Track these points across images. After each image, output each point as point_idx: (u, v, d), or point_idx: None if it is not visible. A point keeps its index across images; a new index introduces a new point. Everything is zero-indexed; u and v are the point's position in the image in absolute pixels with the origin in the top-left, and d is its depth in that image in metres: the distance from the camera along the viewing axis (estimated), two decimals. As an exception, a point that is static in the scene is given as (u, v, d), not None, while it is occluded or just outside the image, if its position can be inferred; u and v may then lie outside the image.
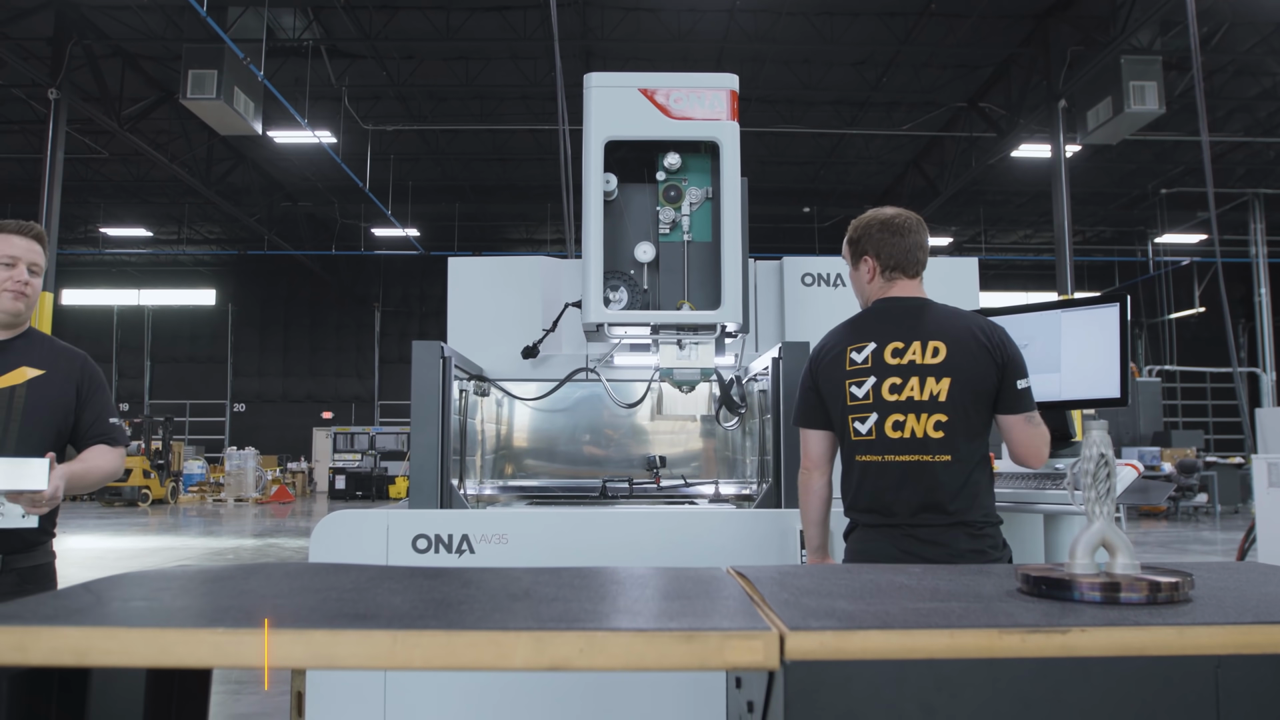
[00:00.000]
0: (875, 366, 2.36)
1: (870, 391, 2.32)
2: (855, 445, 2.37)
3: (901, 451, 2.28)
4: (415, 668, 0.89)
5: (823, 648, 0.93)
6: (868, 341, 2.41)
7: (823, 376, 2.47)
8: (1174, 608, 1.08)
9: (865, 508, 2.35)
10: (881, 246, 2.55)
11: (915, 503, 2.26)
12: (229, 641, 0.92)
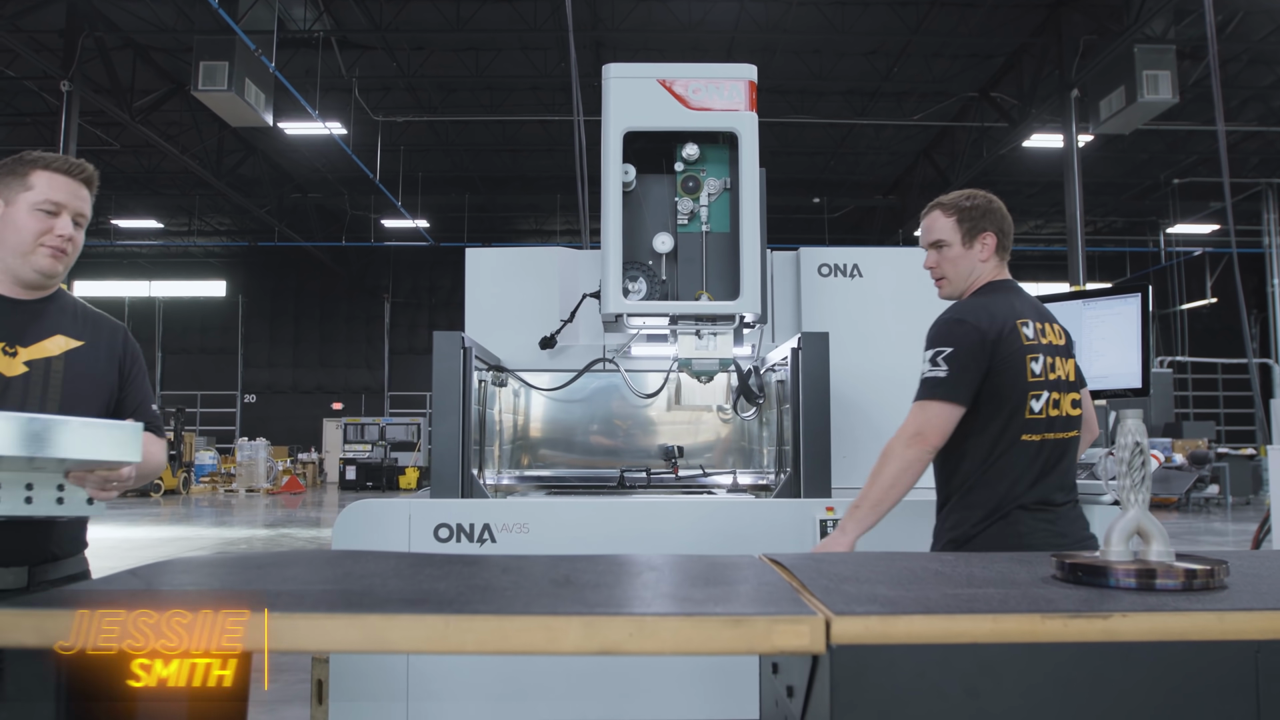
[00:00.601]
0: (1041, 344, 2.34)
1: (1044, 368, 2.32)
2: (1025, 424, 2.26)
3: (1060, 430, 2.32)
4: (467, 651, 0.91)
5: (868, 632, 0.94)
6: (1027, 318, 2.34)
7: (1002, 350, 2.29)
8: (1210, 594, 1.09)
9: (1029, 489, 2.26)
10: (1004, 225, 2.51)
11: (1069, 483, 2.33)
12: (287, 626, 0.94)
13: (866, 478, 2.35)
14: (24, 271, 1.97)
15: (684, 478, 3.93)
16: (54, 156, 2.01)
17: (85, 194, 2.03)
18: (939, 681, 0.94)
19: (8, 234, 1.95)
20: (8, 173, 1.97)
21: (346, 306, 27.82)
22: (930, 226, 2.52)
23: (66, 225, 1.99)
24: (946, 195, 2.57)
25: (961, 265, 2.47)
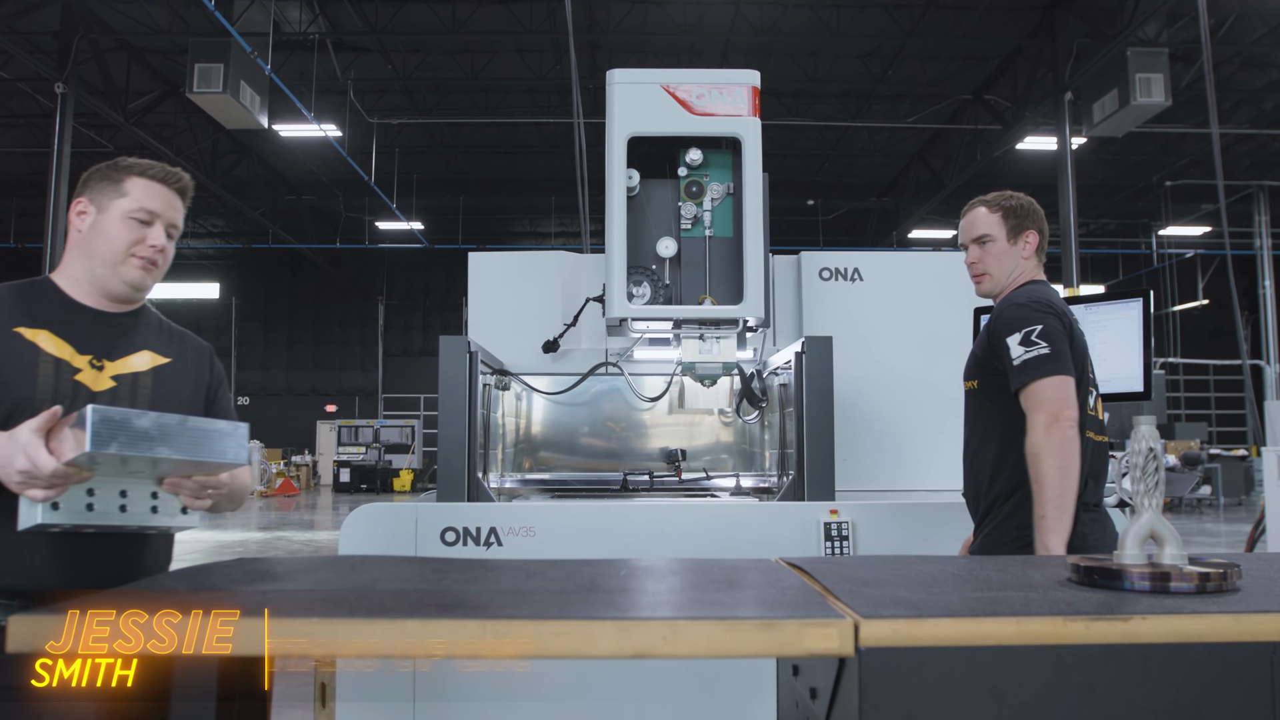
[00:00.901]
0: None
1: (1092, 367, 2.42)
2: (1086, 420, 2.27)
3: (1101, 431, 2.42)
4: (503, 656, 0.93)
5: (895, 635, 0.97)
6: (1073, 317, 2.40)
7: (1075, 338, 2.33)
8: (1224, 596, 1.12)
9: (1088, 487, 2.26)
10: (1044, 227, 2.54)
11: (1105, 484, 2.40)
12: (325, 630, 0.96)
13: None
14: (112, 283, 1.87)
15: (687, 481, 3.95)
16: (150, 163, 1.91)
17: (179, 204, 1.94)
18: (964, 683, 0.96)
19: (98, 243, 1.85)
20: (101, 178, 1.88)
21: (340, 308, 27.77)
22: (974, 222, 2.52)
23: (160, 236, 1.89)
24: (988, 194, 2.60)
25: (1006, 261, 2.48)
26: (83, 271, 1.87)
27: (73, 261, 1.88)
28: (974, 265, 2.54)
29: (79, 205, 1.87)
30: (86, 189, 1.89)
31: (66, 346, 1.81)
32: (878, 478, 3.86)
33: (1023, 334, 2.28)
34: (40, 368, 1.77)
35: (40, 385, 1.75)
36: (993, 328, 2.37)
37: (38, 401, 1.70)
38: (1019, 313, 2.33)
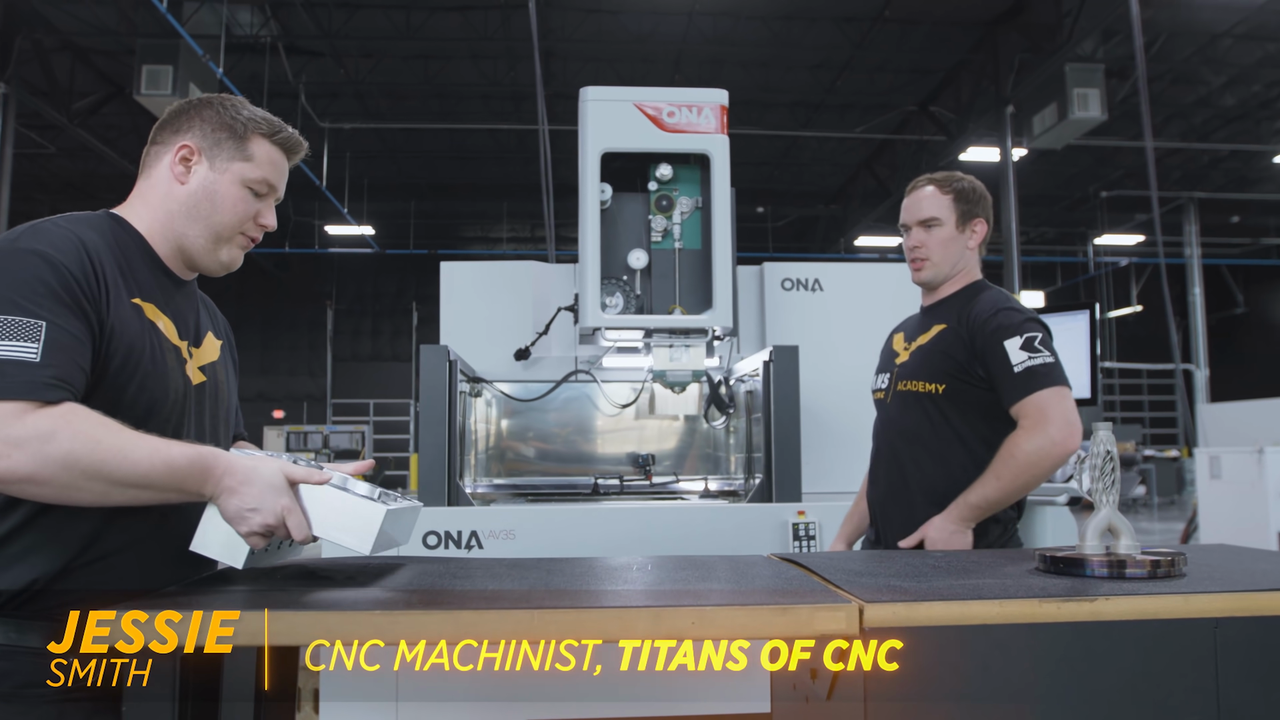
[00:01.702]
0: None
1: None
2: None
3: None
4: (549, 638, 1.04)
5: (895, 617, 1.10)
6: None
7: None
8: (1173, 580, 1.27)
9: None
10: (991, 216, 2.39)
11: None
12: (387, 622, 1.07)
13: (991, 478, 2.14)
14: (206, 258, 1.56)
15: (657, 484, 4.07)
16: (277, 123, 1.62)
17: (287, 171, 1.66)
18: (957, 658, 1.10)
19: (206, 207, 1.53)
20: (220, 128, 1.55)
21: (289, 313, 27.39)
22: (921, 203, 2.34)
23: (273, 214, 1.63)
24: (936, 173, 2.43)
25: (952, 249, 2.32)
26: (171, 232, 1.55)
27: (158, 213, 1.55)
28: (916, 250, 2.36)
29: (184, 149, 1.54)
30: (194, 130, 1.55)
31: (172, 327, 1.53)
32: (838, 480, 4.02)
33: (1024, 339, 2.14)
34: (167, 358, 1.49)
35: (172, 383, 1.48)
36: (982, 330, 2.19)
37: (169, 406, 1.47)
38: (1015, 317, 2.18)
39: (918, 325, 2.47)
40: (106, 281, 1.40)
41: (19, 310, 1.30)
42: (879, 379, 2.51)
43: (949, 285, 2.40)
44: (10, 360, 1.26)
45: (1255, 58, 14.53)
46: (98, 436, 1.27)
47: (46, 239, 1.38)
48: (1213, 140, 17.51)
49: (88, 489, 1.26)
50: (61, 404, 1.28)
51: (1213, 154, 18.48)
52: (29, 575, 1.30)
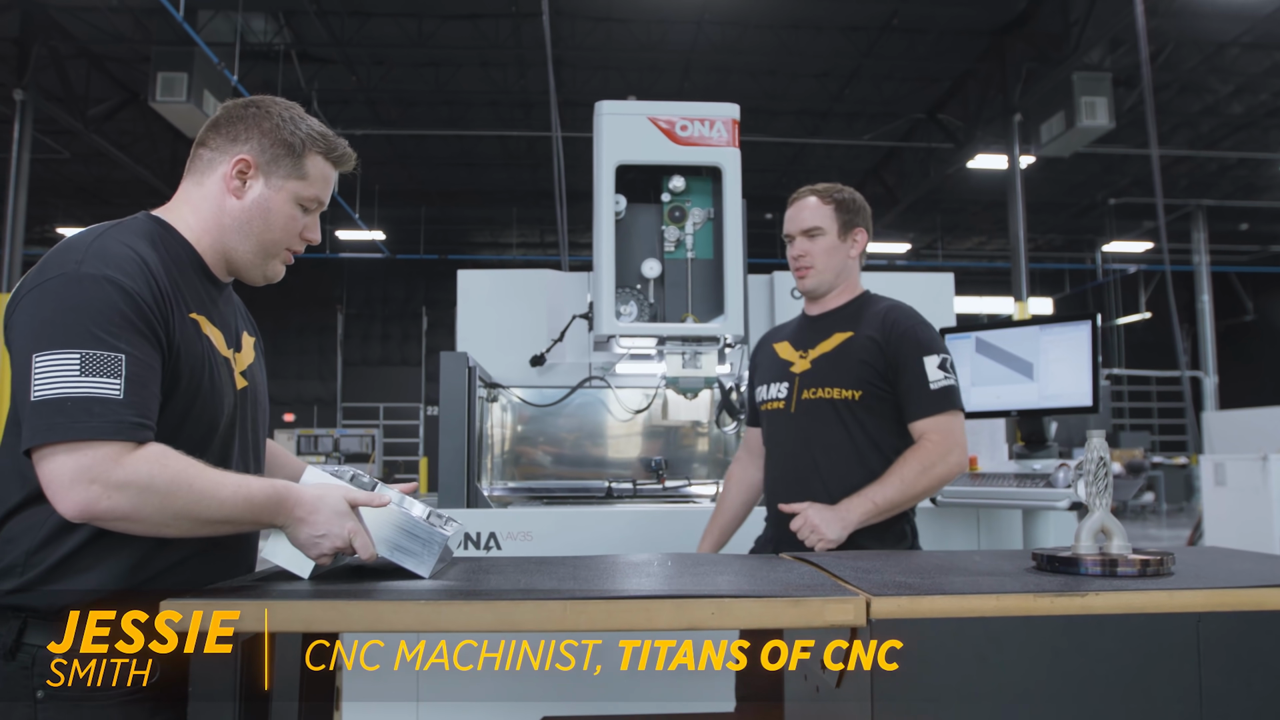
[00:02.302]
0: None
1: None
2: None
3: None
4: (581, 629, 1.13)
5: (899, 609, 1.19)
6: None
7: None
8: (1161, 579, 1.36)
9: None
10: (870, 227, 2.47)
11: None
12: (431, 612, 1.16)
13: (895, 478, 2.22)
14: (250, 271, 1.58)
15: (670, 488, 4.16)
16: (333, 140, 1.62)
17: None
18: (955, 648, 1.19)
19: (258, 223, 1.54)
20: (279, 143, 1.55)
21: (299, 317, 27.55)
22: (803, 213, 2.42)
23: (316, 230, 1.65)
24: (818, 185, 2.52)
25: (835, 257, 2.40)
26: (220, 243, 1.55)
27: (208, 223, 1.54)
28: (801, 259, 2.42)
29: (241, 163, 1.53)
30: (251, 143, 1.55)
31: (221, 339, 1.55)
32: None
33: (940, 359, 2.27)
34: (221, 374, 1.52)
35: (226, 400, 1.52)
36: (902, 342, 2.29)
37: (225, 422, 1.51)
38: (931, 334, 2.32)
39: (809, 334, 2.49)
40: (170, 301, 1.42)
41: (99, 344, 1.30)
42: (773, 388, 2.48)
43: (837, 295, 2.47)
44: (96, 398, 1.28)
45: (1263, 67, 14.58)
46: (190, 478, 1.32)
47: (114, 263, 1.37)
48: (1220, 148, 17.55)
49: (176, 526, 1.33)
50: (150, 445, 1.32)
51: (1220, 162, 18.51)
52: (95, 583, 1.36)
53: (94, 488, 1.26)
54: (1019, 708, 1.18)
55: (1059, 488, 2.78)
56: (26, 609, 1.35)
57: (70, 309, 1.32)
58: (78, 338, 1.30)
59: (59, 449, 1.26)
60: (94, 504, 1.27)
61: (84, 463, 1.26)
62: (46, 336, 1.30)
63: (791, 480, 2.35)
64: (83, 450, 1.26)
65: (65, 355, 1.29)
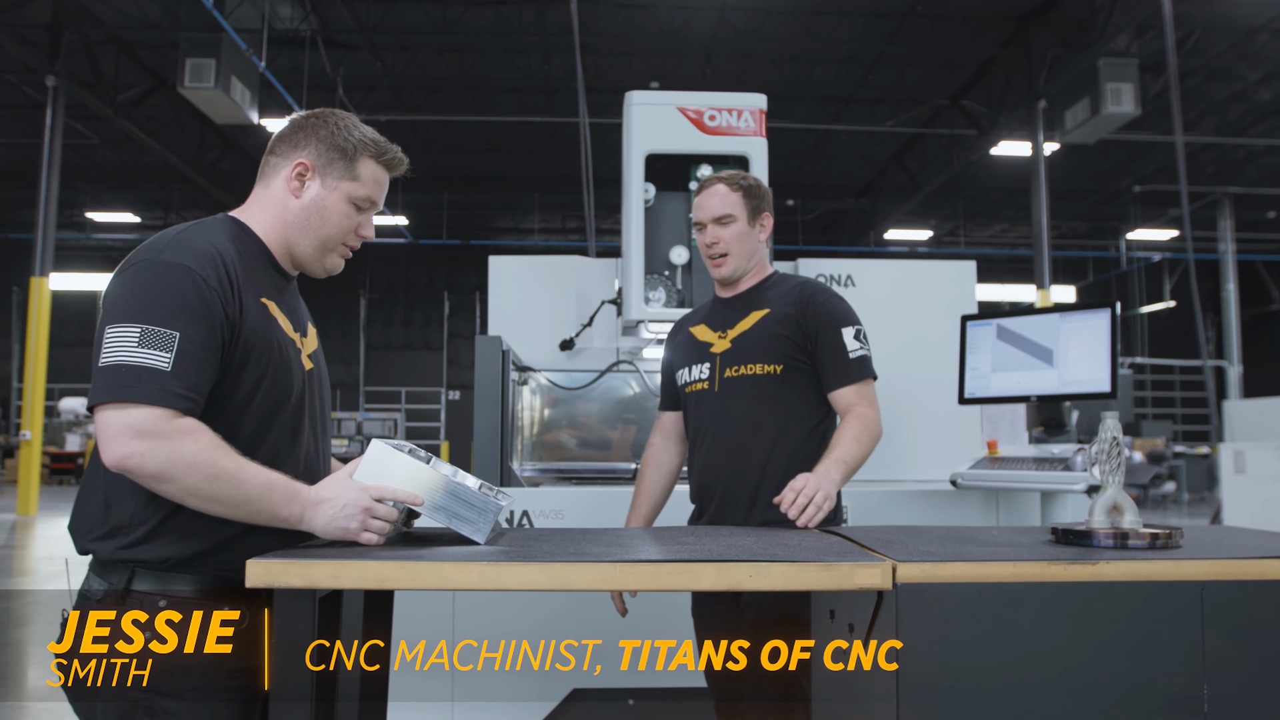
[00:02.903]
0: None
1: None
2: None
3: None
4: (628, 589, 1.24)
5: (924, 575, 1.29)
6: None
7: None
8: (1169, 551, 1.45)
9: None
10: (772, 210, 2.53)
11: None
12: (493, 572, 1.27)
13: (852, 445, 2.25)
14: (312, 265, 1.75)
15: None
16: (385, 145, 1.75)
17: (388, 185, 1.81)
18: (975, 611, 1.29)
19: (316, 221, 1.70)
20: (334, 148, 1.70)
21: (322, 301, 27.75)
22: (713, 200, 2.47)
23: (372, 226, 1.79)
24: (723, 172, 2.55)
25: (746, 243, 2.46)
26: (284, 238, 1.72)
27: (275, 221, 1.71)
28: (714, 246, 2.47)
29: (300, 166, 1.69)
30: (310, 148, 1.70)
31: (288, 323, 1.71)
32: (871, 469, 4.19)
33: (855, 329, 2.38)
34: (288, 352, 1.67)
35: (296, 374, 1.68)
36: (818, 314, 2.37)
37: (295, 395, 1.66)
38: (845, 307, 2.41)
39: (725, 315, 2.54)
40: (240, 287, 1.58)
41: (157, 321, 1.47)
42: (694, 370, 2.51)
43: (749, 277, 2.54)
44: (146, 368, 1.45)
45: (1292, 53, 14.44)
46: (216, 455, 1.47)
47: (189, 252, 1.54)
48: (1248, 135, 17.38)
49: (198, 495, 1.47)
50: (190, 418, 1.48)
51: (1248, 149, 18.33)
52: (193, 549, 1.53)
53: (132, 443, 1.43)
54: (1034, 666, 1.28)
55: (1076, 471, 2.86)
56: (135, 561, 1.52)
57: (142, 289, 1.51)
58: (141, 314, 1.48)
59: (111, 408, 1.45)
60: (129, 458, 1.43)
61: (128, 420, 1.44)
62: (119, 312, 1.49)
63: (721, 457, 2.38)
64: (129, 410, 1.44)
65: (129, 328, 1.47)
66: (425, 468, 1.54)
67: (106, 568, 1.55)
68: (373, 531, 1.52)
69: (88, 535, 1.56)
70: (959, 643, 1.28)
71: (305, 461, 1.68)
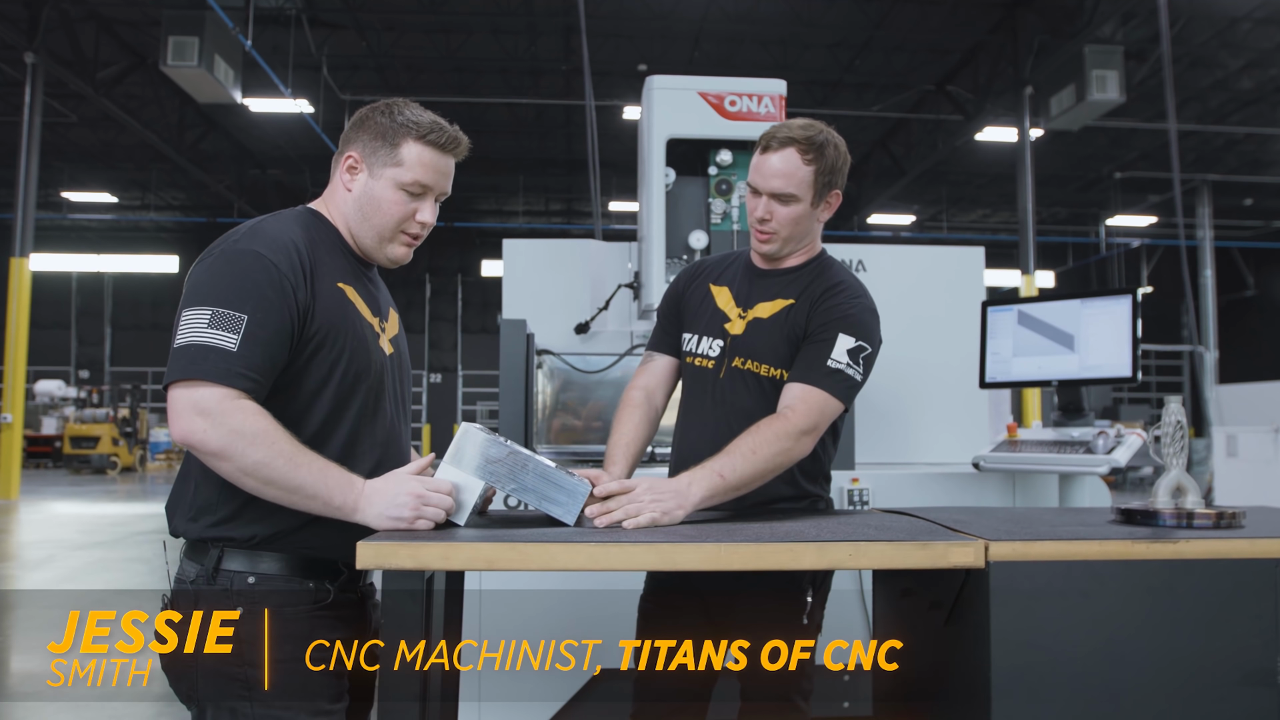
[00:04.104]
0: None
1: None
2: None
3: None
4: (734, 568, 1.28)
5: (1014, 553, 1.34)
6: None
7: None
8: (1235, 530, 1.51)
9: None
10: (844, 184, 2.18)
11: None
12: (603, 551, 1.30)
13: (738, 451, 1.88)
14: (376, 254, 1.75)
15: (660, 454, 4.30)
16: (431, 124, 1.70)
17: (453, 169, 1.75)
18: (1061, 587, 1.35)
19: (369, 210, 1.71)
20: (376, 133, 1.69)
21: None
22: (777, 170, 2.05)
23: (430, 213, 1.73)
24: (797, 128, 2.11)
25: (802, 227, 2.10)
26: (347, 227, 1.75)
27: (340, 213, 1.74)
28: (765, 224, 2.09)
29: (350, 159, 1.72)
30: (359, 141, 1.71)
31: (365, 307, 1.73)
32: (884, 452, 4.26)
33: (856, 345, 2.02)
34: (366, 333, 1.70)
35: (374, 355, 1.70)
36: (819, 313, 2.06)
37: (373, 374, 1.68)
38: (860, 316, 2.07)
39: (752, 288, 2.20)
40: (313, 273, 1.62)
41: (227, 304, 1.52)
42: (704, 343, 2.19)
43: (792, 257, 2.19)
44: (213, 347, 1.50)
45: (1274, 41, 14.62)
46: (276, 437, 1.50)
47: (264, 241, 1.60)
48: (1228, 123, 17.60)
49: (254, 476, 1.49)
50: (250, 400, 1.51)
51: (1228, 137, 18.57)
52: (276, 526, 1.58)
53: (195, 420, 1.48)
54: (1117, 641, 1.33)
55: (1098, 454, 2.92)
56: (224, 539, 1.57)
57: (217, 275, 1.57)
58: (213, 298, 1.53)
59: (180, 386, 1.51)
60: (193, 433, 1.49)
61: (194, 398, 1.49)
62: (194, 296, 1.56)
63: (707, 448, 2.01)
64: (196, 389, 1.50)
65: (201, 310, 1.53)
66: (521, 450, 1.58)
67: (196, 548, 1.60)
68: (427, 518, 1.53)
69: (181, 516, 1.62)
70: (1047, 619, 1.33)
71: (387, 444, 1.70)
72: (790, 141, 2.06)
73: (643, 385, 2.34)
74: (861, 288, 2.18)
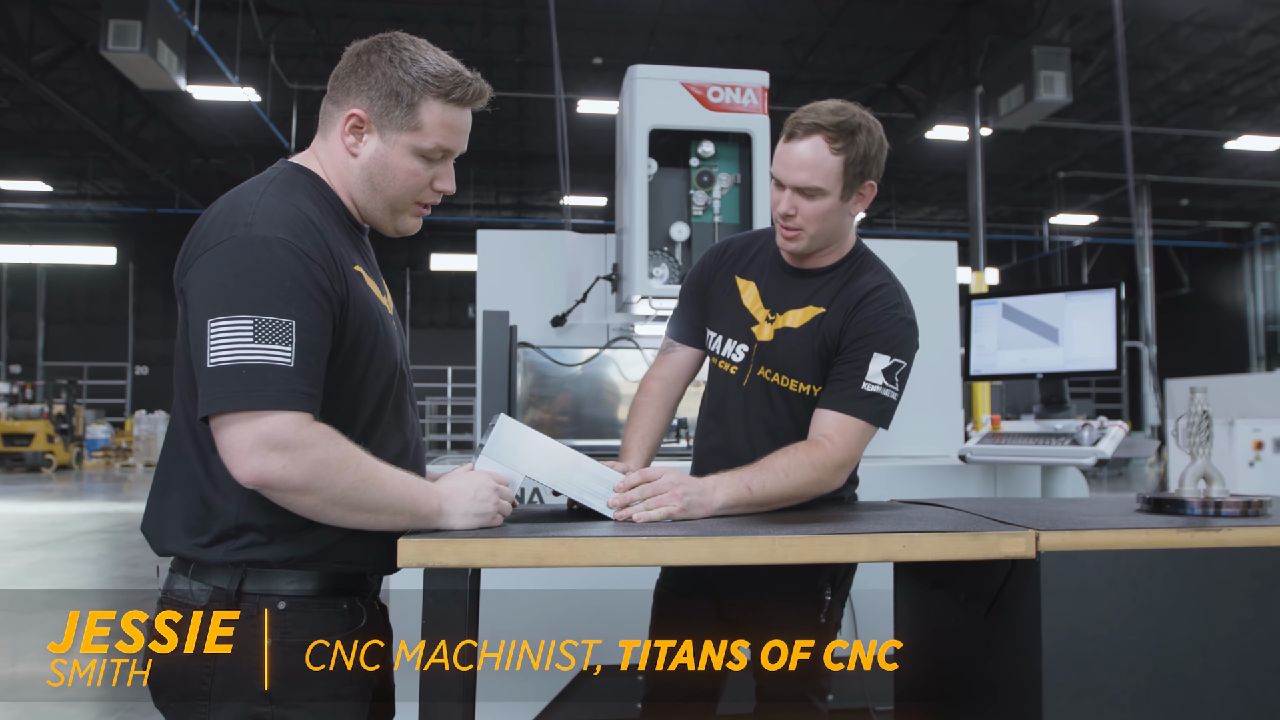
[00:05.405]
0: None
1: None
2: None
3: None
4: (788, 561, 1.25)
5: (1064, 542, 1.34)
6: None
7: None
8: (1264, 518, 1.53)
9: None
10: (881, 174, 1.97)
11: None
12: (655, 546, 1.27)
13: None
14: (383, 226, 1.55)
15: (691, 447, 4.28)
16: (451, 76, 1.47)
17: (470, 123, 1.54)
18: (1111, 575, 1.35)
19: (379, 178, 1.49)
20: (388, 93, 1.45)
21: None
22: (803, 162, 1.86)
23: (451, 179, 1.54)
24: (826, 113, 1.89)
25: (831, 222, 1.91)
26: (350, 196, 1.53)
27: (339, 177, 1.52)
28: (789, 220, 1.92)
29: (353, 118, 1.47)
30: (363, 94, 1.46)
31: (376, 287, 1.54)
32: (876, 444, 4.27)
33: (892, 363, 1.89)
34: (386, 319, 1.52)
35: (396, 343, 1.54)
36: (853, 326, 1.92)
37: (398, 369, 1.53)
38: (902, 332, 1.95)
39: (780, 288, 2.05)
40: (338, 257, 1.40)
41: (272, 309, 1.29)
42: (729, 346, 2.06)
43: (824, 255, 2.01)
44: (270, 366, 1.28)
45: (1212, 46, 15.06)
46: (358, 458, 1.35)
47: (283, 223, 1.36)
48: (1167, 125, 18.10)
49: (338, 506, 1.34)
50: (320, 422, 1.33)
51: (1166, 138, 19.10)
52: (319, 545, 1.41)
53: (273, 455, 1.27)
54: (1165, 629, 1.34)
55: (1084, 445, 2.96)
56: (247, 562, 1.40)
57: (243, 273, 1.31)
58: (251, 303, 1.29)
59: (238, 416, 1.27)
60: (269, 473, 1.27)
61: (264, 430, 1.26)
62: (221, 302, 1.30)
63: (724, 461, 1.95)
64: (262, 419, 1.27)
65: (239, 320, 1.28)
66: (555, 442, 1.53)
67: (205, 569, 1.40)
68: (505, 512, 1.48)
69: (179, 539, 1.41)
70: (1096, 609, 1.33)
71: (414, 445, 1.57)
72: (817, 128, 1.86)
73: (662, 376, 2.22)
74: (898, 291, 2.02)
